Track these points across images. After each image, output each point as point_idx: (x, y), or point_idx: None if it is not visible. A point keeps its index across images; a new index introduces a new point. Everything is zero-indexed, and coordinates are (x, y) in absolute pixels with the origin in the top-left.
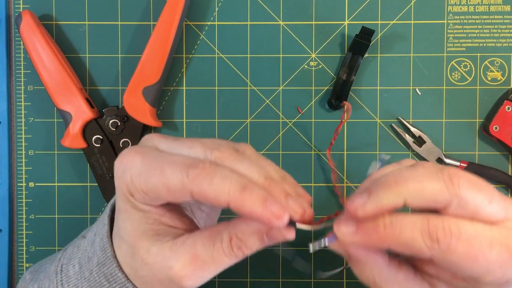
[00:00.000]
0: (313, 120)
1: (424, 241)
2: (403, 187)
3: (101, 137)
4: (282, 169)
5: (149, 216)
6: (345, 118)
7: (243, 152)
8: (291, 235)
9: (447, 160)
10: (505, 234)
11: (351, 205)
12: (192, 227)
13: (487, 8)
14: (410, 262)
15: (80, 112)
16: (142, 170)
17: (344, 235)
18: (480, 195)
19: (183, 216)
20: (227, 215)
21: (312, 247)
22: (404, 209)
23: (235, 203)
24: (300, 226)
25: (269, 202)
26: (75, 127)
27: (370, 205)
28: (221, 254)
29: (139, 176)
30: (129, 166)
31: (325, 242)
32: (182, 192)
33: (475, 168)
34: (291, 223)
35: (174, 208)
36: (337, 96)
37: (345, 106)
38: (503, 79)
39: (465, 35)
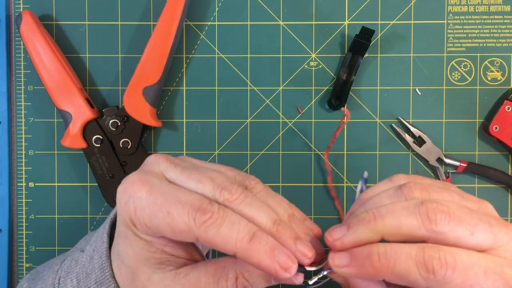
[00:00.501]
0: (313, 120)
1: (419, 273)
2: (380, 224)
3: (101, 137)
4: (291, 204)
5: (151, 245)
6: (344, 123)
7: (252, 189)
8: (299, 279)
9: (447, 160)
10: (498, 262)
11: (330, 237)
12: (196, 256)
13: (487, 8)
14: None
15: (80, 112)
16: (147, 205)
17: (338, 268)
18: (460, 228)
19: (187, 246)
20: None
21: (311, 281)
22: None
23: (242, 254)
24: (310, 268)
25: (277, 252)
26: (75, 127)
27: (348, 238)
28: None
29: (143, 210)
30: (134, 197)
31: (322, 274)
32: (187, 235)
33: (475, 168)
34: (300, 265)
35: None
36: (337, 96)
37: (344, 112)
38: (503, 79)
39: (465, 35)
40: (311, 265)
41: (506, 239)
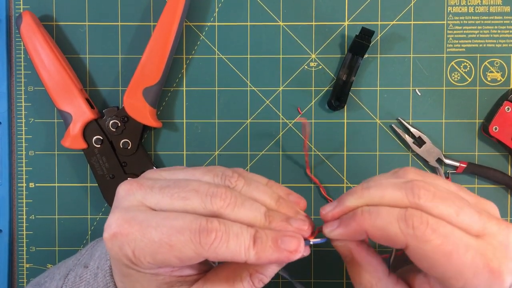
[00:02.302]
0: (313, 121)
1: (399, 226)
2: (365, 193)
3: (101, 138)
4: (271, 182)
5: (158, 276)
6: (305, 135)
7: (235, 188)
8: (307, 251)
9: (447, 161)
10: (483, 245)
11: (323, 211)
12: (203, 268)
13: (487, 9)
14: (406, 281)
15: (80, 112)
16: (145, 245)
17: (330, 232)
18: (444, 206)
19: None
20: None
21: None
22: None
23: (252, 260)
24: (314, 241)
25: (280, 241)
26: (75, 127)
27: (336, 209)
28: None
29: (142, 250)
30: (127, 241)
31: (319, 241)
32: (196, 259)
33: (474, 169)
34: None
35: None
36: (337, 96)
37: (303, 124)
38: (502, 80)
39: (465, 35)
40: (310, 236)
41: (495, 229)
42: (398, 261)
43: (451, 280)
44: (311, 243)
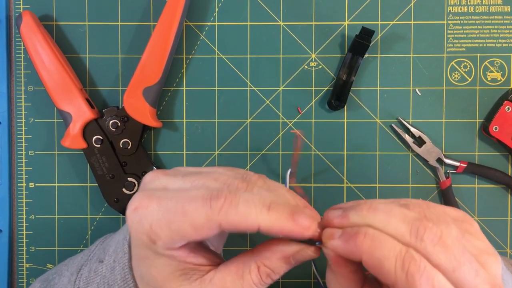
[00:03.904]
0: (313, 121)
1: (395, 265)
2: (371, 214)
3: (101, 138)
4: (293, 193)
5: (174, 259)
6: (297, 148)
7: (254, 183)
8: (317, 253)
9: (447, 161)
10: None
11: (325, 215)
12: (217, 260)
13: (487, 9)
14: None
15: (80, 112)
16: (162, 215)
17: (328, 240)
18: (444, 257)
19: (206, 252)
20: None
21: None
22: None
23: (265, 224)
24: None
25: (296, 215)
26: (75, 127)
27: (338, 219)
28: (251, 285)
29: (159, 221)
30: (145, 214)
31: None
32: (209, 226)
33: (474, 169)
34: (311, 241)
35: (197, 246)
36: (337, 96)
37: (295, 137)
38: (503, 80)
39: (465, 35)
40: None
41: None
42: None
43: None
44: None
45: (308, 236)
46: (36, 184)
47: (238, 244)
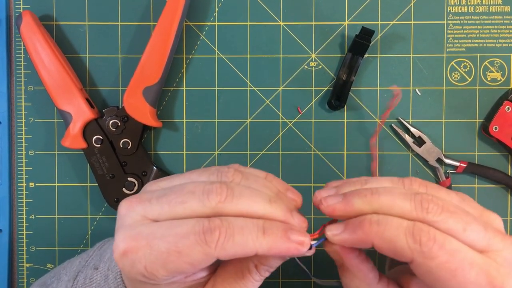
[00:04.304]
0: (313, 121)
1: (407, 241)
2: (375, 199)
3: (101, 137)
4: (269, 175)
5: (173, 284)
6: (391, 105)
7: (232, 182)
8: (312, 251)
9: (447, 160)
10: (487, 262)
11: (319, 196)
12: (213, 266)
13: (487, 9)
14: (398, 282)
15: (80, 112)
16: (155, 258)
17: (334, 236)
18: (452, 221)
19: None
20: None
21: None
22: None
23: (262, 250)
24: (314, 243)
25: (289, 233)
26: (75, 127)
27: (341, 205)
28: (251, 281)
29: (153, 264)
30: (137, 258)
31: (318, 242)
32: (207, 260)
33: (474, 169)
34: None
35: None
36: (337, 96)
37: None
38: (502, 80)
39: (465, 35)
40: (313, 235)
41: (500, 246)
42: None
43: None
44: (313, 245)
45: (304, 251)
46: (36, 184)
47: None
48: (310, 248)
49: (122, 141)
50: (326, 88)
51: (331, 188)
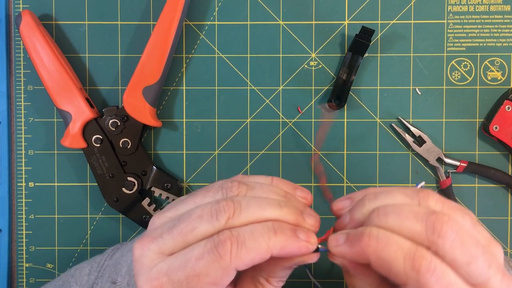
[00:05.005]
0: (313, 120)
1: (404, 266)
2: (383, 219)
3: (101, 137)
4: (275, 179)
5: None
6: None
7: (238, 192)
8: (315, 258)
9: (447, 160)
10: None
11: (335, 206)
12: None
13: (487, 8)
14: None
15: (80, 112)
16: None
17: (334, 247)
18: (460, 252)
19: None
20: None
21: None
22: None
23: (276, 251)
24: (321, 248)
25: (298, 232)
26: (75, 127)
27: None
28: None
29: None
30: None
31: (320, 250)
32: (227, 274)
33: (475, 168)
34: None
35: None
36: (337, 96)
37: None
38: (503, 79)
39: (465, 34)
40: (321, 239)
41: (497, 284)
42: None
43: None
44: (320, 249)
45: (312, 250)
46: (36, 184)
47: None
48: (317, 250)
49: (121, 140)
50: (326, 88)
51: (344, 215)
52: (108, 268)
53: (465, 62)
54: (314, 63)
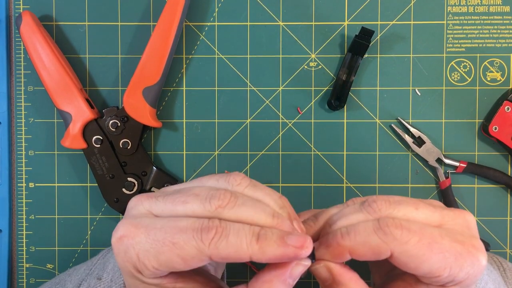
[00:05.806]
0: (312, 121)
1: (379, 238)
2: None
3: (101, 138)
4: (283, 196)
5: (161, 287)
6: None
7: (238, 186)
8: (309, 263)
9: (447, 161)
10: (450, 231)
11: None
12: (211, 284)
13: (487, 9)
14: None
15: (80, 112)
16: (150, 246)
17: (316, 253)
18: (403, 207)
19: (199, 276)
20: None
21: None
22: None
23: (256, 255)
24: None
25: (286, 238)
26: (75, 127)
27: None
28: None
29: (147, 252)
30: (132, 244)
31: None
32: (199, 258)
33: (474, 169)
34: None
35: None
36: (337, 96)
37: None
38: (502, 80)
39: (464, 35)
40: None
41: (451, 216)
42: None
43: (438, 271)
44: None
45: (307, 254)
46: (36, 184)
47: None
48: (312, 257)
49: (122, 141)
50: (326, 88)
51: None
52: (98, 266)
53: (465, 63)
54: (314, 64)
